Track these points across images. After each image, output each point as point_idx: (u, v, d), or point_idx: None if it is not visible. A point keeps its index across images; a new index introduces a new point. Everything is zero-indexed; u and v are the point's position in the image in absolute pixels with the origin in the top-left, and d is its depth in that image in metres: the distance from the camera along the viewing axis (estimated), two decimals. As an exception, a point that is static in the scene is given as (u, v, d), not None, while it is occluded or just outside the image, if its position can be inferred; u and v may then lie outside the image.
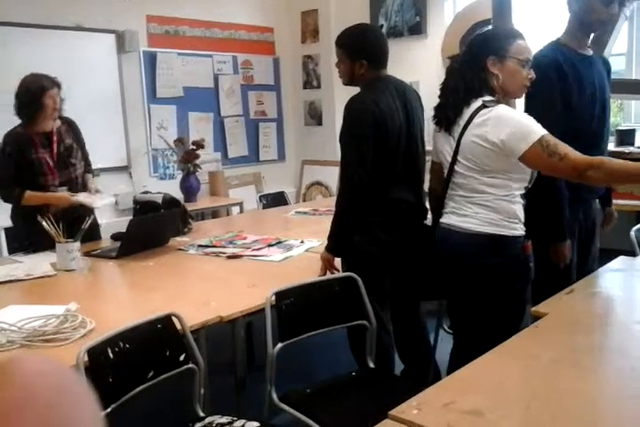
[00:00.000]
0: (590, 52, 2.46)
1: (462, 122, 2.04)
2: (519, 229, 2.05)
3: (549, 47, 2.42)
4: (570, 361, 1.50)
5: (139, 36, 4.84)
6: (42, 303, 2.05)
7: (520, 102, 2.47)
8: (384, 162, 2.33)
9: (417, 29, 5.27)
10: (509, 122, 1.94)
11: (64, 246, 2.56)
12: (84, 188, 3.17)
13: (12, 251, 3.18)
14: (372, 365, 2.21)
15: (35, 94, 2.93)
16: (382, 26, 5.40)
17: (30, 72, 3.03)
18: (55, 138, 3.06)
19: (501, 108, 1.99)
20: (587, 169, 1.87)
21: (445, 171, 2.14)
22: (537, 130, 1.91)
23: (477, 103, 2.02)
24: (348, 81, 2.47)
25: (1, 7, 4.08)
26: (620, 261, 2.41)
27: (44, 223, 2.59)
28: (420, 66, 5.13)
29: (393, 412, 1.26)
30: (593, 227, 2.61)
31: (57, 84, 3.02)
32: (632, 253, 2.70)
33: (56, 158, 3.04)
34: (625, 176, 1.92)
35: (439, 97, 2.18)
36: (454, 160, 2.07)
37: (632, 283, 2.24)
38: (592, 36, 2.45)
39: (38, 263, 2.62)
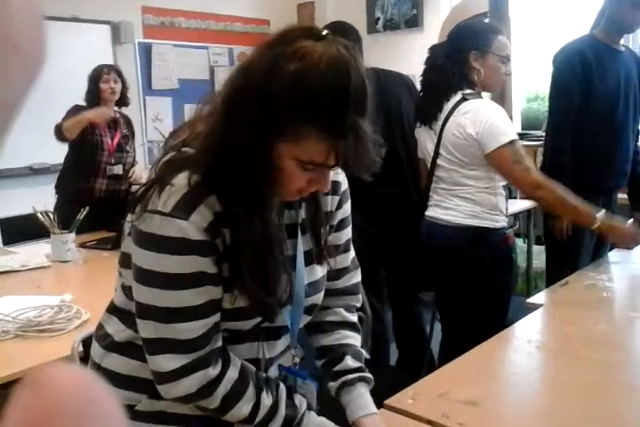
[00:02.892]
0: (622, 48, 2.55)
1: (443, 116, 2.05)
2: (501, 221, 2.07)
3: (580, 39, 2.54)
4: (564, 352, 1.51)
5: (134, 27, 4.81)
6: (37, 294, 2.05)
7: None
8: None
9: (413, 22, 5.25)
10: (486, 117, 1.96)
11: (59, 237, 2.55)
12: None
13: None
14: (367, 356, 2.21)
15: (93, 80, 3.26)
16: (379, 19, 5.38)
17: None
18: (118, 124, 3.37)
19: (482, 102, 2.01)
20: (541, 188, 1.96)
21: (428, 165, 2.15)
22: (510, 133, 1.95)
23: (457, 97, 2.03)
24: None
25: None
26: (615, 254, 2.42)
27: (38, 215, 2.58)
28: (416, 59, 5.07)
29: (388, 401, 1.26)
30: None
31: (114, 70, 3.33)
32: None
33: (117, 141, 3.33)
34: (568, 209, 2.01)
35: (420, 92, 2.20)
36: (436, 154, 2.08)
37: (627, 275, 2.24)
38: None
39: (33, 254, 2.61)
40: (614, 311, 1.86)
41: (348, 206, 1.21)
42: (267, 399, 1.06)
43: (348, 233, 1.23)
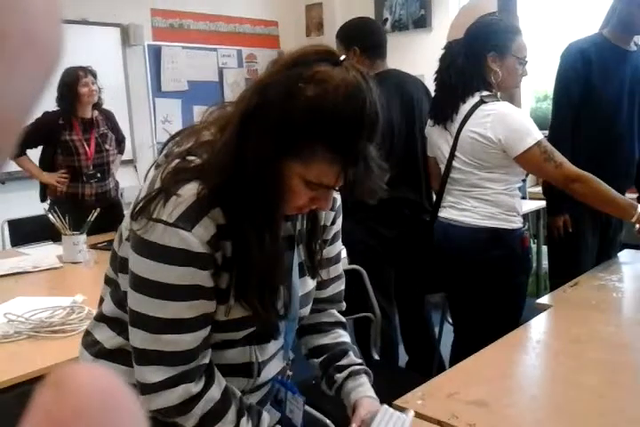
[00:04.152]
0: (633, 48, 2.49)
1: (460, 117, 2.03)
2: (517, 222, 2.06)
3: (586, 37, 2.51)
4: (574, 353, 1.50)
5: (143, 29, 4.84)
6: (49, 295, 2.06)
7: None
8: None
9: (422, 23, 5.25)
10: (510, 121, 1.94)
11: (70, 239, 2.57)
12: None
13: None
14: (376, 357, 2.21)
15: (70, 85, 3.17)
16: (387, 19, 5.38)
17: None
18: (94, 125, 3.34)
19: (502, 106, 1.98)
20: (576, 181, 1.94)
21: (442, 165, 2.13)
22: (535, 133, 1.93)
23: (475, 99, 2.00)
24: None
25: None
26: (625, 254, 2.41)
27: (49, 216, 2.60)
28: (425, 59, 5.09)
29: (397, 402, 1.27)
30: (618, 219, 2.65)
31: (91, 73, 3.28)
32: (637, 247, 2.70)
33: (93, 143, 3.31)
34: (604, 201, 1.99)
35: (435, 91, 2.18)
36: (452, 156, 2.06)
37: (637, 276, 2.23)
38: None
39: (45, 256, 2.64)
40: (624, 312, 1.85)
41: (340, 221, 1.24)
42: (245, 426, 1.05)
43: (339, 246, 1.27)
